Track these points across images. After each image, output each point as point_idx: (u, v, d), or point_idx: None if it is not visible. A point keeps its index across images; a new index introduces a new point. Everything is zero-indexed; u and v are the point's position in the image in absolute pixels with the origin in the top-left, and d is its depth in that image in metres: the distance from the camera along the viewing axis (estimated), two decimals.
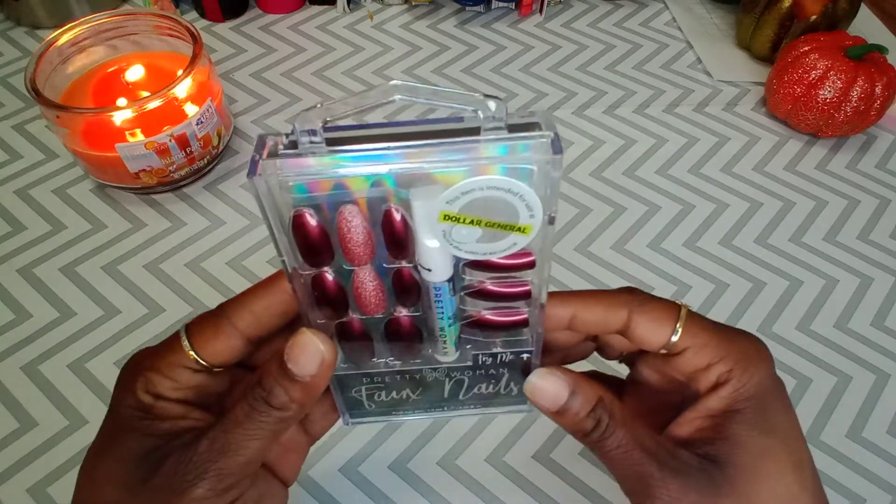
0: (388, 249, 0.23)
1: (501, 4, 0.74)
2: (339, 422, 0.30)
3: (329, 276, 0.23)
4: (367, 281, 0.24)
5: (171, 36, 0.56)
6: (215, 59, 0.67)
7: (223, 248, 0.52)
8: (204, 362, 0.26)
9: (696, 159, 0.61)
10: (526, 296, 0.24)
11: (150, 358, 0.26)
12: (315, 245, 0.22)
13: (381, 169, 0.20)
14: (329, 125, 0.19)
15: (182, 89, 0.51)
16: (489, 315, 0.25)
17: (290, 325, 0.26)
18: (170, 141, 0.51)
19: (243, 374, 0.28)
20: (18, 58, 0.67)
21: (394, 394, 0.28)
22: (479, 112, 0.19)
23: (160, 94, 0.49)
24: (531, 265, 0.23)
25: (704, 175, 0.59)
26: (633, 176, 0.59)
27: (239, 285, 0.50)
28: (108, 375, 0.45)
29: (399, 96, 0.19)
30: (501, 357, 0.27)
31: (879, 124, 0.64)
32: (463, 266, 0.23)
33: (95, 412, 0.43)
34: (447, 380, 0.28)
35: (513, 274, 0.24)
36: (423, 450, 0.42)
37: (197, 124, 0.52)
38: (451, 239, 0.21)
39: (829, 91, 0.58)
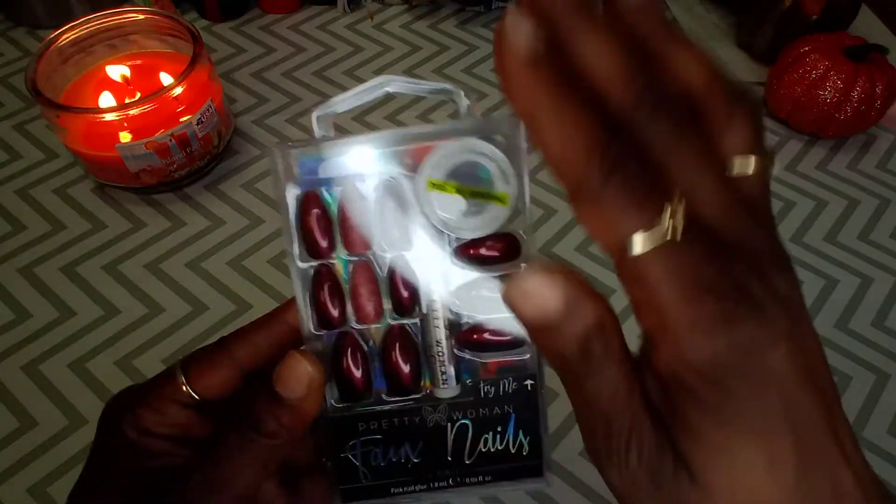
0: (384, 234, 0.24)
1: (501, 5, 0.74)
2: None
3: (327, 268, 0.24)
4: (364, 275, 0.24)
5: (171, 36, 0.56)
6: (215, 59, 0.67)
7: (223, 248, 0.52)
8: (196, 396, 0.25)
9: None
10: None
11: (138, 392, 0.26)
12: (317, 227, 0.23)
13: (376, 145, 0.23)
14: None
15: (182, 89, 0.51)
16: (485, 335, 0.25)
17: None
18: (170, 141, 0.51)
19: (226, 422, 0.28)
20: (18, 58, 0.67)
21: (391, 454, 0.26)
22: (457, 100, 0.23)
23: (160, 94, 0.49)
24: (516, 251, 0.24)
25: None
26: None
27: (239, 285, 0.50)
28: (108, 375, 0.45)
29: (388, 88, 0.24)
30: (504, 386, 0.25)
31: (880, 124, 0.64)
32: (452, 255, 0.24)
33: (95, 412, 0.43)
34: (449, 426, 0.26)
35: (499, 266, 0.24)
36: None
37: (197, 124, 0.52)
38: (437, 213, 0.22)
39: (830, 91, 0.58)
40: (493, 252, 0.24)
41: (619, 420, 0.18)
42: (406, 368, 0.25)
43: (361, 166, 0.23)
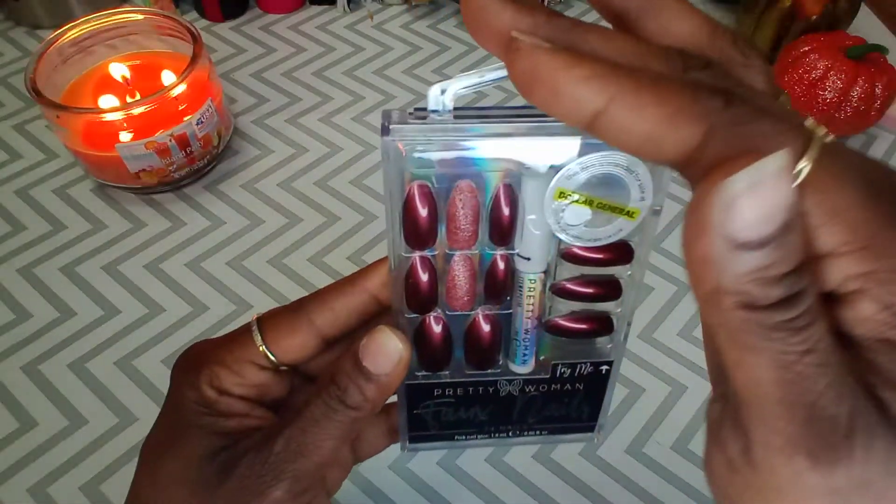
0: (491, 235, 0.22)
1: None
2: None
3: (426, 262, 0.23)
4: (463, 269, 0.23)
5: (171, 36, 0.56)
6: (215, 59, 0.67)
7: (223, 248, 0.52)
8: (274, 359, 0.25)
9: None
10: (615, 295, 0.24)
11: (215, 351, 0.25)
12: (425, 222, 0.22)
13: (509, 145, 0.20)
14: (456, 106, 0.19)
15: (182, 89, 0.51)
16: (571, 323, 0.25)
17: (360, 327, 0.26)
18: (170, 141, 0.51)
19: (301, 384, 0.28)
20: (18, 58, 0.67)
21: (461, 412, 0.27)
22: None
23: (160, 94, 0.49)
24: (629, 257, 0.23)
25: None
26: None
27: (239, 285, 0.50)
28: (109, 375, 0.45)
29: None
30: (580, 369, 0.26)
31: (879, 124, 0.64)
32: (559, 257, 0.23)
33: (95, 412, 0.43)
34: (520, 395, 0.27)
35: (608, 268, 0.23)
36: (422, 451, 0.42)
37: (197, 124, 0.52)
38: (560, 220, 0.21)
39: (830, 91, 0.58)
40: (604, 255, 0.23)
41: (831, 397, 0.14)
42: (489, 349, 0.25)
43: (479, 156, 0.21)
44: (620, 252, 0.23)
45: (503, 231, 0.22)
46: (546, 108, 0.15)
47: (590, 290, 0.24)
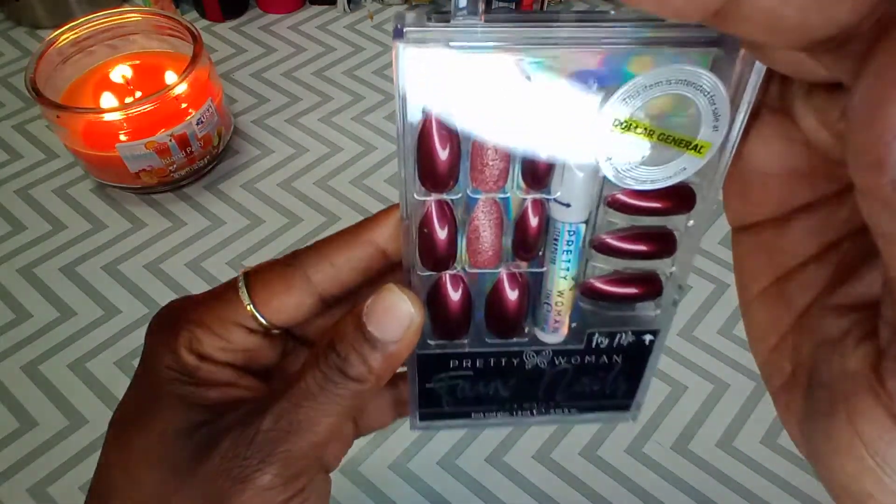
0: (524, 173, 0.18)
1: (502, 5, 0.74)
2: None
3: (444, 207, 0.19)
4: (488, 217, 0.19)
5: (171, 36, 0.56)
6: (215, 59, 0.67)
7: (223, 248, 0.52)
8: (264, 321, 0.21)
9: None
10: (668, 252, 0.20)
11: (196, 309, 0.22)
12: (444, 157, 0.18)
13: (552, 53, 0.16)
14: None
15: (182, 89, 0.51)
16: (612, 287, 0.21)
17: (364, 286, 0.22)
18: (170, 141, 0.51)
19: (294, 347, 0.25)
20: (18, 58, 0.67)
21: (480, 387, 0.23)
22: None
23: (160, 94, 0.49)
24: (690, 204, 0.19)
25: None
26: None
27: None
28: (109, 375, 0.45)
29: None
30: (619, 339, 0.22)
31: None
32: (604, 207, 0.19)
33: (95, 412, 0.43)
34: (549, 368, 0.23)
35: (661, 218, 0.19)
36: (422, 450, 0.42)
37: (197, 124, 0.52)
38: (610, 156, 0.17)
39: None
40: (660, 202, 0.19)
41: None
42: (515, 313, 0.22)
43: (512, 75, 0.16)
44: (680, 198, 0.19)
45: (538, 170, 0.18)
46: (647, 4, 0.11)
47: (639, 247, 0.20)
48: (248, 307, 0.21)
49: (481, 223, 0.20)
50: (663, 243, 0.20)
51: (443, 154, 0.17)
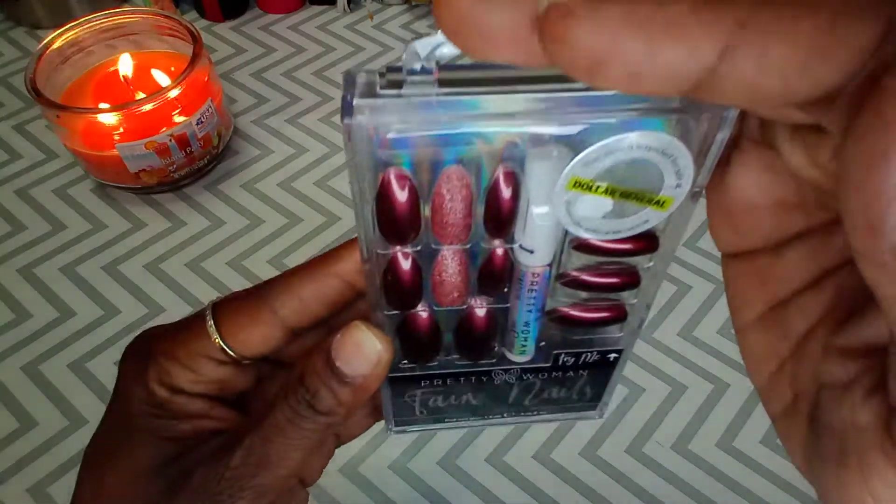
0: (487, 225, 0.18)
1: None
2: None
3: (408, 257, 0.19)
4: (452, 265, 0.20)
5: (171, 36, 0.56)
6: (215, 59, 0.67)
7: (223, 248, 0.52)
8: (233, 353, 0.22)
9: None
10: (633, 285, 0.20)
11: (165, 342, 0.22)
12: (404, 216, 0.18)
13: (516, 124, 0.15)
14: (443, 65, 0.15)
15: (182, 89, 0.51)
16: (579, 312, 0.21)
17: (334, 316, 0.23)
18: (170, 141, 0.51)
19: (270, 370, 0.25)
20: (18, 58, 0.67)
21: (451, 399, 0.25)
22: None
23: (160, 93, 0.49)
24: (653, 247, 0.19)
25: None
26: None
27: (239, 285, 0.50)
28: (109, 375, 0.45)
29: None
30: (585, 357, 0.23)
31: None
32: (569, 249, 0.20)
33: (95, 412, 0.43)
34: (517, 382, 0.24)
35: (626, 258, 0.20)
36: (422, 450, 0.42)
37: (197, 124, 0.52)
38: (572, 213, 0.17)
39: None
40: (623, 246, 0.19)
41: None
42: (483, 341, 0.22)
43: (470, 131, 0.16)
44: (643, 242, 0.19)
45: (502, 223, 0.18)
46: (614, 85, 0.10)
47: (604, 281, 0.21)
48: (216, 341, 0.21)
49: (446, 268, 0.20)
50: (627, 278, 0.20)
51: (403, 211, 0.17)
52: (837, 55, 0.10)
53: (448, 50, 0.14)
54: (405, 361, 0.23)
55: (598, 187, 0.16)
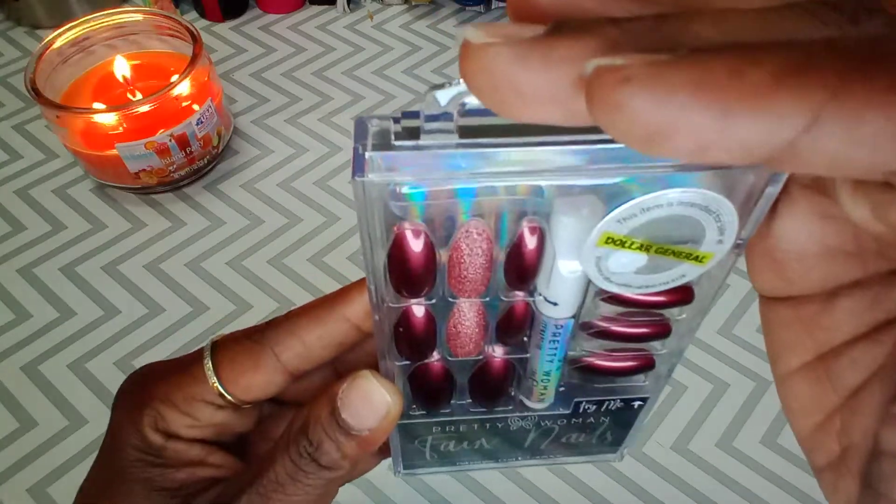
0: (508, 277, 0.17)
1: (501, 4, 0.74)
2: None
3: (422, 309, 0.18)
4: (469, 317, 0.18)
5: (171, 36, 0.56)
6: (215, 59, 0.67)
7: (223, 248, 0.52)
8: (231, 398, 0.21)
9: None
10: (663, 335, 0.19)
11: (161, 384, 0.21)
12: (419, 270, 0.16)
13: (540, 181, 0.14)
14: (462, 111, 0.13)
15: (182, 89, 0.51)
16: (604, 362, 0.20)
17: (339, 358, 0.22)
18: (170, 141, 0.51)
19: (272, 409, 0.24)
20: (18, 58, 0.67)
21: (465, 444, 0.23)
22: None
23: (160, 94, 0.49)
24: (688, 300, 0.18)
25: None
26: None
27: (239, 285, 0.50)
28: (109, 375, 0.45)
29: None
30: (607, 405, 0.22)
31: None
32: (597, 299, 0.18)
33: (95, 412, 0.43)
34: (534, 429, 0.23)
35: (659, 310, 0.18)
36: None
37: (197, 124, 0.52)
38: (602, 268, 0.15)
39: None
40: (655, 298, 0.18)
41: None
42: (499, 390, 0.21)
43: (488, 185, 0.15)
44: (678, 295, 0.18)
45: (525, 277, 0.17)
46: (685, 156, 0.09)
47: (633, 331, 0.19)
48: (215, 385, 0.20)
49: (462, 320, 0.19)
50: (657, 329, 0.19)
51: (418, 266, 0.16)
52: None
53: (473, 100, 0.13)
54: (415, 408, 0.21)
55: (632, 243, 0.15)
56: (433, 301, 0.18)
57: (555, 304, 0.18)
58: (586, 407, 0.21)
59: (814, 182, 0.13)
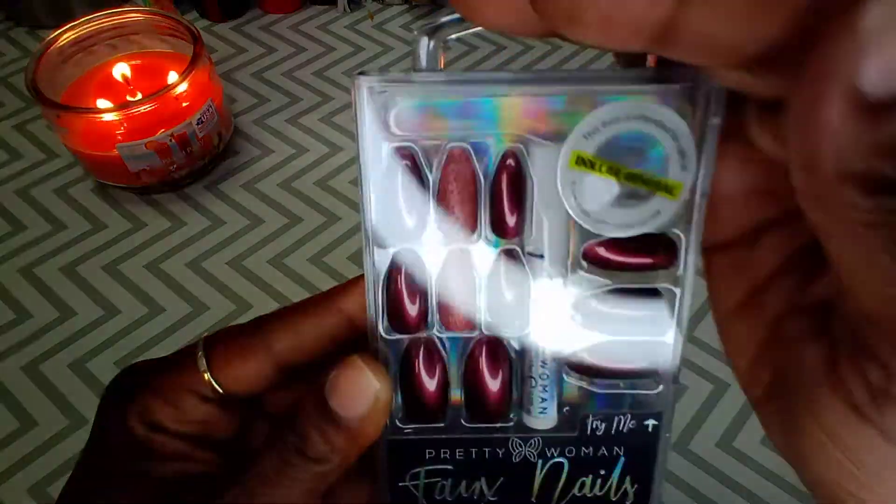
0: (494, 222, 0.18)
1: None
2: None
3: (413, 256, 0.18)
4: (459, 280, 0.19)
5: (171, 36, 0.56)
6: (215, 59, 0.67)
7: (223, 248, 0.52)
8: (220, 389, 0.20)
9: None
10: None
11: (149, 376, 0.21)
12: (408, 202, 0.17)
13: (511, 91, 0.16)
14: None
15: (182, 89, 0.51)
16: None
17: (330, 359, 0.21)
18: (170, 141, 0.51)
19: (255, 421, 0.23)
20: (19, 58, 0.67)
21: (462, 488, 0.21)
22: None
23: (161, 93, 0.49)
24: (672, 259, 0.18)
25: None
26: None
27: (239, 285, 0.50)
28: (109, 375, 0.45)
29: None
30: (618, 424, 0.20)
31: None
32: (580, 257, 0.18)
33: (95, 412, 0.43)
34: (539, 462, 0.21)
35: (643, 273, 0.18)
36: None
37: (197, 124, 0.52)
38: (578, 198, 0.16)
39: None
40: (638, 259, 0.18)
41: None
42: (495, 388, 0.20)
43: (476, 124, 0.17)
44: (660, 255, 0.18)
45: (505, 216, 0.18)
46: (591, 34, 0.12)
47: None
48: (205, 374, 0.20)
49: (454, 285, 0.19)
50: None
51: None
52: (776, 8, 0.11)
53: (457, 34, 0.16)
54: (406, 421, 0.20)
55: (601, 165, 0.16)
56: (421, 248, 0.18)
57: (541, 256, 0.18)
58: (595, 425, 0.20)
59: (735, 129, 0.15)
